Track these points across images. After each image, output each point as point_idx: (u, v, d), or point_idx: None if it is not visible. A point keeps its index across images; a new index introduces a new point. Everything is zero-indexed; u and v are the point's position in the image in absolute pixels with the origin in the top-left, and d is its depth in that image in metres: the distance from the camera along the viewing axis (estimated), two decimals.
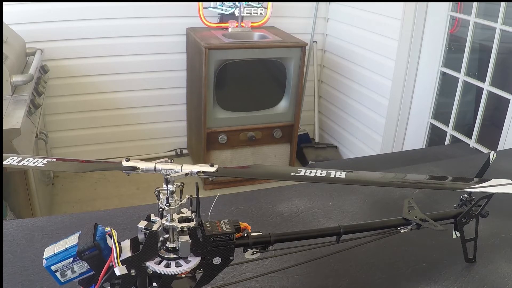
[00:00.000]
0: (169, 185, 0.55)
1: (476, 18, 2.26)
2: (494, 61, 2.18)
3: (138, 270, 0.55)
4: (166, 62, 3.06)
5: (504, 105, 2.13)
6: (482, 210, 0.80)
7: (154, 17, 2.90)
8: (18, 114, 1.73)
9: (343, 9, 3.16)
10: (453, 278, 0.80)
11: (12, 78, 1.87)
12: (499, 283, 0.80)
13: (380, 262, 0.85)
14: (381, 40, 2.79)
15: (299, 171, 0.58)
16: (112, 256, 0.53)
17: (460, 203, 0.82)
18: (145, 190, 2.83)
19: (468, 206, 0.80)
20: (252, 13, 3.01)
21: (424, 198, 1.08)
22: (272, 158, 3.08)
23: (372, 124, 3.01)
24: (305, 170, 0.58)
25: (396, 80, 2.71)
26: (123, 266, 0.54)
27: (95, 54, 2.88)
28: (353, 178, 0.59)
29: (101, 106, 3.04)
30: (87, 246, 0.53)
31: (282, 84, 2.91)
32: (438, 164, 1.30)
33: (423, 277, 0.81)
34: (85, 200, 2.73)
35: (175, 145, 3.35)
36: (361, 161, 2.16)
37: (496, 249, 0.90)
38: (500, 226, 0.97)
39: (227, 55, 2.68)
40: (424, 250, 0.88)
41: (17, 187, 1.84)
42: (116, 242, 0.54)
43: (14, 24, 2.41)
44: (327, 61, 3.42)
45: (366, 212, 1.03)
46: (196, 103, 2.88)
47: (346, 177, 0.57)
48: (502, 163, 1.30)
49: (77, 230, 0.57)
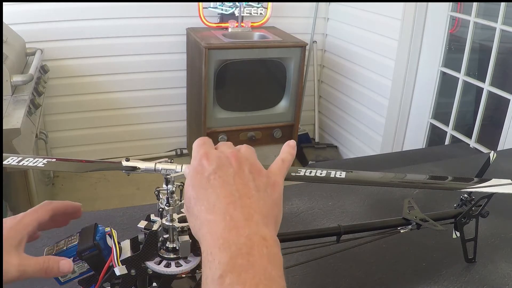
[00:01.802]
0: (169, 185, 0.55)
1: (476, 18, 2.26)
2: (494, 61, 2.18)
3: (138, 270, 0.55)
4: (166, 62, 3.06)
5: (504, 105, 2.13)
6: (482, 210, 0.80)
7: (154, 17, 2.90)
8: (18, 114, 1.73)
9: (343, 9, 3.16)
10: (453, 278, 0.80)
11: (12, 78, 1.87)
12: (499, 283, 0.80)
13: (380, 262, 0.85)
14: (381, 40, 2.79)
15: (299, 171, 0.57)
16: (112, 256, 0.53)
17: (460, 203, 0.82)
18: (145, 190, 2.83)
19: (468, 206, 0.80)
20: (252, 13, 3.01)
21: (424, 198, 1.08)
22: (272, 158, 3.04)
23: (372, 124, 3.01)
24: (305, 170, 0.57)
25: (396, 80, 2.71)
26: (123, 266, 0.54)
27: (95, 54, 2.88)
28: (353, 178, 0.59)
29: (101, 106, 3.04)
30: (87, 246, 0.53)
31: (282, 84, 2.91)
32: (438, 164, 1.30)
33: (423, 277, 0.81)
34: (85, 200, 2.73)
35: (175, 145, 3.35)
36: (361, 161, 2.16)
37: (496, 249, 0.90)
38: (500, 226, 0.97)
39: (227, 55, 2.68)
40: (424, 250, 0.88)
41: (17, 187, 1.84)
42: (116, 242, 0.54)
43: (14, 24, 2.41)
44: (327, 61, 3.42)
45: (366, 212, 1.02)
46: (196, 103, 2.88)
47: (346, 177, 0.57)
48: (502, 163, 1.30)
49: (77, 230, 0.57)
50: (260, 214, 0.45)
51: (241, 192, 0.46)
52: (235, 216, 0.44)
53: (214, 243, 0.42)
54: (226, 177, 0.47)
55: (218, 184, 0.46)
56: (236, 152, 0.50)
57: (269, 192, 0.48)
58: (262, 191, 0.47)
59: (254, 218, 0.44)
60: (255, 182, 0.47)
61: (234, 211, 0.44)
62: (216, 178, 0.46)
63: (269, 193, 0.48)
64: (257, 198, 0.46)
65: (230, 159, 0.49)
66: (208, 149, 0.50)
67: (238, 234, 0.42)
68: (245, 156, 0.50)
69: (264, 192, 0.47)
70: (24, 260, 0.49)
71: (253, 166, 0.49)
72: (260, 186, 0.47)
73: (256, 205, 0.45)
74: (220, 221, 0.43)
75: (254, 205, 0.45)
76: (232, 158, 0.49)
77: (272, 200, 0.48)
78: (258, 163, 0.51)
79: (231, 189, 0.46)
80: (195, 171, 0.48)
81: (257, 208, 0.45)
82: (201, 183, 0.47)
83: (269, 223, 0.45)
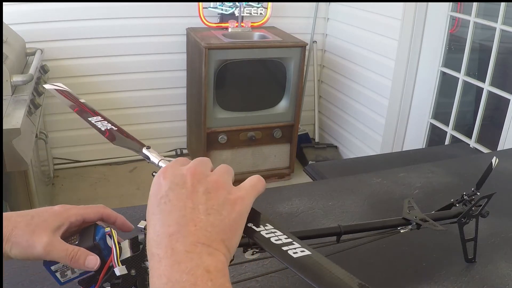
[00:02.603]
0: None
1: (476, 18, 2.26)
2: (494, 61, 2.18)
3: (138, 270, 0.55)
4: (166, 62, 3.06)
5: (504, 105, 2.13)
6: (482, 210, 0.80)
7: (154, 17, 2.90)
8: (18, 114, 1.73)
9: (343, 9, 3.16)
10: (453, 278, 0.80)
11: (12, 78, 1.87)
12: (499, 283, 0.80)
13: (380, 262, 0.85)
14: (381, 40, 2.79)
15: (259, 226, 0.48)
16: (112, 256, 0.53)
17: (460, 203, 0.82)
18: (145, 190, 2.82)
19: (468, 206, 0.80)
20: (252, 13, 3.01)
21: (425, 198, 1.08)
22: (272, 158, 3.08)
23: (372, 124, 3.01)
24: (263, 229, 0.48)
25: (396, 80, 2.71)
26: (123, 266, 0.54)
27: (95, 54, 2.88)
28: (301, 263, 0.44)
29: (101, 106, 3.03)
30: (87, 246, 0.54)
31: (282, 84, 2.91)
32: (438, 164, 1.30)
33: (423, 277, 0.81)
34: (85, 200, 2.73)
35: (175, 145, 3.35)
36: (361, 161, 2.16)
37: (496, 249, 0.90)
38: (500, 226, 0.97)
39: (227, 55, 2.68)
40: (424, 250, 0.88)
41: (17, 187, 1.84)
42: (116, 242, 0.54)
43: (14, 24, 2.41)
44: (327, 61, 3.42)
45: (366, 212, 1.02)
46: (196, 103, 2.88)
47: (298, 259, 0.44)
48: (502, 163, 1.29)
49: None
50: (204, 244, 0.42)
51: (187, 218, 0.43)
52: (176, 249, 0.42)
53: (159, 281, 0.41)
54: (176, 201, 0.45)
55: (166, 210, 0.44)
56: (194, 169, 0.47)
57: (224, 213, 0.45)
58: (214, 214, 0.44)
59: (197, 249, 0.42)
60: (207, 203, 0.45)
61: (176, 242, 0.42)
62: (166, 202, 0.45)
63: (225, 214, 0.45)
64: (205, 223, 0.43)
65: (186, 176, 0.46)
66: (170, 165, 0.48)
67: (180, 270, 0.40)
68: (204, 173, 0.47)
69: (217, 215, 0.44)
70: (54, 242, 0.52)
71: (212, 184, 0.46)
72: (213, 207, 0.45)
73: (201, 232, 0.43)
74: (163, 256, 0.42)
75: (199, 232, 0.43)
76: (188, 175, 0.46)
77: (226, 223, 0.44)
78: (220, 179, 0.47)
79: (178, 216, 0.44)
80: (152, 191, 0.47)
81: (202, 236, 0.43)
82: (152, 207, 0.46)
83: (216, 250, 0.43)
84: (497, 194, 0.79)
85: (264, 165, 3.06)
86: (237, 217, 0.46)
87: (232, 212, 0.45)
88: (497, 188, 0.82)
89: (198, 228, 0.43)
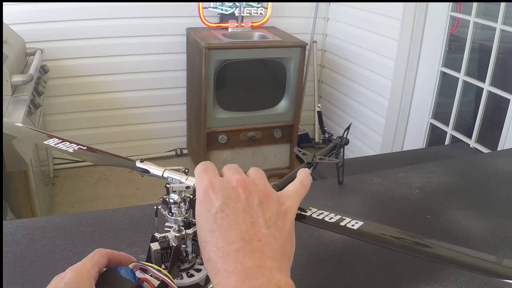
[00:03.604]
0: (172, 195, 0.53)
1: (476, 18, 2.26)
2: (494, 61, 2.18)
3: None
4: (166, 62, 3.06)
5: (504, 105, 2.13)
6: (345, 140, 0.95)
7: (154, 17, 2.90)
8: (18, 114, 1.73)
9: (343, 9, 3.16)
10: (453, 278, 0.80)
11: (12, 78, 1.87)
12: (499, 283, 0.80)
13: (380, 262, 0.85)
14: (381, 40, 2.79)
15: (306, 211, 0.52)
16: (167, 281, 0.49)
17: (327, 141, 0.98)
18: (145, 190, 2.83)
19: (334, 141, 0.96)
20: (252, 13, 3.01)
21: (424, 198, 1.08)
22: (272, 158, 3.08)
23: (372, 124, 3.01)
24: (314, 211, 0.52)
25: (396, 80, 2.71)
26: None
27: (95, 54, 2.88)
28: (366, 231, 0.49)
29: (101, 106, 3.04)
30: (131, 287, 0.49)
31: (282, 84, 2.91)
32: (438, 164, 1.30)
33: (423, 277, 0.81)
34: (85, 200, 2.73)
35: (175, 145, 3.35)
36: (361, 161, 2.16)
37: (496, 249, 0.90)
38: (500, 226, 0.97)
39: (227, 55, 2.68)
40: None
41: (17, 187, 1.84)
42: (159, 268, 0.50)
43: (14, 24, 2.41)
44: (327, 61, 3.42)
45: (366, 212, 1.02)
46: (196, 103, 2.88)
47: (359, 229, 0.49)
48: (502, 163, 1.29)
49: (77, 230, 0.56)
50: (272, 258, 0.42)
51: (250, 233, 0.43)
52: (246, 264, 0.41)
53: None
54: (234, 215, 0.44)
55: (226, 225, 0.43)
56: (243, 180, 0.46)
57: (280, 225, 0.45)
58: (273, 226, 0.44)
59: (267, 264, 0.41)
60: (264, 216, 0.44)
61: (245, 257, 0.41)
62: (223, 217, 0.44)
63: (280, 226, 0.45)
64: (268, 237, 0.43)
65: (237, 189, 0.46)
66: (212, 178, 0.47)
67: (251, 285, 0.40)
68: (253, 183, 0.47)
69: (275, 227, 0.44)
70: None
71: (262, 194, 0.46)
72: (271, 219, 0.45)
73: (267, 247, 0.43)
74: (232, 271, 0.41)
75: (265, 248, 0.43)
76: (239, 188, 0.46)
77: (284, 234, 0.45)
78: (267, 188, 0.48)
79: (240, 231, 0.43)
80: (202, 206, 0.45)
81: (268, 252, 0.42)
82: (208, 223, 0.44)
83: (282, 265, 0.43)
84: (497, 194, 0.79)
85: (264, 165, 3.06)
86: (291, 227, 0.46)
87: (286, 223, 0.46)
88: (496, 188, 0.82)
89: (264, 243, 0.43)
